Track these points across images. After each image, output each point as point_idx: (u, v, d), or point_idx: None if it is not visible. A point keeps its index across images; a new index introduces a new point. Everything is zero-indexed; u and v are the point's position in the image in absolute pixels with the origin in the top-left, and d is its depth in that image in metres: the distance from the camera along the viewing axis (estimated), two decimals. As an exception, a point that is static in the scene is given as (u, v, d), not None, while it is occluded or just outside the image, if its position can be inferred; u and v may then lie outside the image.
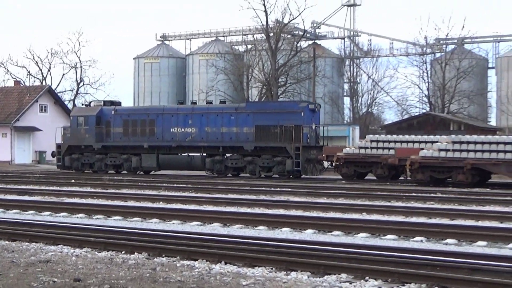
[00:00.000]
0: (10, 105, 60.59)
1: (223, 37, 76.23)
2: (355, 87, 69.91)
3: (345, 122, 67.60)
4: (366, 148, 34.52)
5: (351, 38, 75.00)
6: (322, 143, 38.99)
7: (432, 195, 25.48)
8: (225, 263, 11.52)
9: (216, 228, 16.74)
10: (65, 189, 29.96)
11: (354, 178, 34.47)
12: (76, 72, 75.08)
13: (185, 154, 39.79)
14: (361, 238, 15.07)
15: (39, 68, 77.30)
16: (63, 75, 75.77)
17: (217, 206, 21.83)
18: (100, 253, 12.69)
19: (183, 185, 31.43)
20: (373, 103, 70.10)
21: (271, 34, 58.76)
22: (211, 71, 67.87)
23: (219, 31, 76.56)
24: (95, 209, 20.48)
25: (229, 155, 38.41)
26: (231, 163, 38.11)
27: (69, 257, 12.35)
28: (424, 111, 60.72)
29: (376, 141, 35.17)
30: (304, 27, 63.97)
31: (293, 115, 37.68)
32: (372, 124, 67.94)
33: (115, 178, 37.66)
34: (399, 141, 34.53)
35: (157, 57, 78.78)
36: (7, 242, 13.92)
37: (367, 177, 36.36)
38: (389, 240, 14.65)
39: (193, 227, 16.95)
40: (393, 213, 19.44)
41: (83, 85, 75.47)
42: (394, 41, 72.72)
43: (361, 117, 67.04)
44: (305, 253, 11.77)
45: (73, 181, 34.25)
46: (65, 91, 76.36)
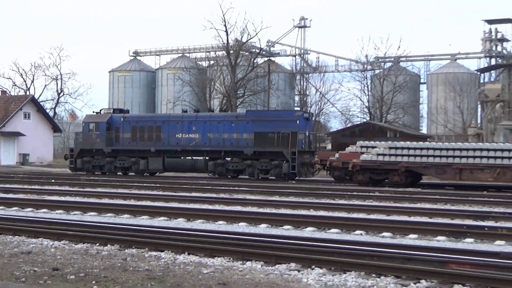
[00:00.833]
0: (-4, 112, 59.96)
1: (189, 53, 76.34)
2: (305, 99, 70.34)
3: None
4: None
5: (302, 55, 75.48)
6: (314, 148, 39.00)
7: (371, 194, 25.70)
8: (188, 254, 11.55)
9: (180, 222, 16.73)
10: (46, 188, 29.65)
11: (344, 180, 33.51)
12: (57, 83, 74.89)
13: (189, 157, 39.45)
14: (309, 231, 15.15)
15: (24, 79, 77.60)
16: (45, 86, 75.76)
17: (182, 203, 21.77)
18: (76, 245, 12.63)
19: (152, 185, 31.27)
20: (320, 113, 70.52)
21: (231, 51, 59.03)
22: (178, 84, 67.91)
23: (185, 48, 76.60)
24: (72, 205, 20.25)
25: (230, 158, 38.12)
26: (231, 166, 37.86)
27: (49, 249, 12.26)
28: (365, 120, 61.22)
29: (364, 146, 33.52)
30: (260, 45, 64.67)
31: (290, 123, 37.55)
32: (319, 131, 68.30)
33: (91, 178, 37.42)
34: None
35: (129, 71, 78.75)
36: (-8, 235, 13.74)
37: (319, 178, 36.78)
38: (333, 233, 14.77)
39: (161, 222, 16.86)
40: (337, 210, 19.58)
41: (63, 95, 75.24)
42: (339, 58, 73.50)
43: (310, 126, 67.27)
44: (259, 245, 11.83)
45: (53, 180, 33.92)
46: (47, 100, 76.24)
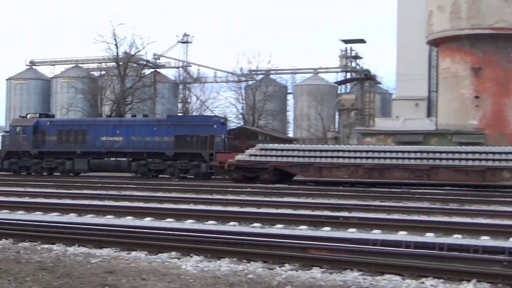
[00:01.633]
0: None
1: (82, 64, 74.47)
2: (187, 106, 70.13)
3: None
4: (256, 155, 32.32)
5: (184, 67, 75.24)
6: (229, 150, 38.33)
7: (244, 189, 25.99)
8: (78, 246, 11.27)
9: (72, 217, 16.15)
10: None
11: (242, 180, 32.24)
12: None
13: (114, 158, 38.17)
14: (189, 223, 15.05)
15: None
16: None
17: (74, 199, 21.09)
18: (-29, 240, 11.98)
19: (46, 183, 30.17)
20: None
21: (121, 63, 58.17)
22: (71, 92, 66.22)
23: (78, 59, 74.72)
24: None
25: (152, 159, 37.11)
26: (153, 166, 36.86)
27: None
28: (239, 125, 61.74)
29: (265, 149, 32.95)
30: (147, 58, 64.14)
31: (207, 127, 36.98)
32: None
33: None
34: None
35: (26, 79, 76.10)
36: None
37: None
38: (210, 225, 14.78)
39: (53, 217, 16.18)
40: (214, 204, 19.59)
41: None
42: (217, 71, 73.67)
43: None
44: (143, 236, 11.70)
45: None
46: None
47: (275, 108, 66.24)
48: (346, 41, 59.64)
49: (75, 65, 74.90)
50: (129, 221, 15.40)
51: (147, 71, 67.65)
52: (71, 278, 8.73)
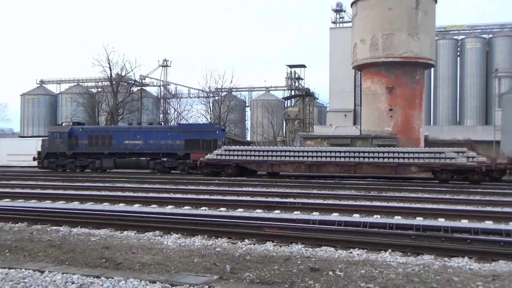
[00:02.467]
0: None
1: (82, 82, 73.09)
2: (167, 117, 69.47)
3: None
4: (221, 155, 31.68)
5: (164, 86, 74.64)
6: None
7: (212, 181, 25.89)
8: (81, 227, 11.15)
9: (75, 205, 15.81)
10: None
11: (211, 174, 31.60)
12: (-23, 103, 68.41)
13: (135, 158, 37.15)
14: (169, 208, 14.83)
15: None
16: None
17: (77, 190, 20.51)
18: (-7, 224, 11.67)
19: (55, 177, 29.28)
20: (178, 127, 69.59)
21: (114, 82, 57.43)
22: (74, 105, 65.27)
23: (79, 78, 73.30)
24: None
25: (166, 158, 36.35)
26: (167, 164, 36.06)
27: (-30, 227, 11.24)
28: (208, 132, 61.57)
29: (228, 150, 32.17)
30: (134, 78, 63.40)
31: (211, 133, 36.52)
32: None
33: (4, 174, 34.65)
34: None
35: (37, 95, 74.32)
36: None
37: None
38: (186, 209, 14.65)
39: (60, 205, 15.84)
40: (189, 193, 19.44)
41: (-17, 112, 68.91)
42: (190, 88, 73.27)
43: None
44: (133, 218, 11.53)
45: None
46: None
47: (236, 118, 66.29)
48: (291, 66, 59.91)
49: (77, 84, 73.85)
50: (121, 207, 15.21)
51: (135, 89, 66.84)
52: (75, 253, 8.60)
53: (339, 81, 59.06)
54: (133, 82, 64.18)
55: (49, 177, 29.57)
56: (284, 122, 58.60)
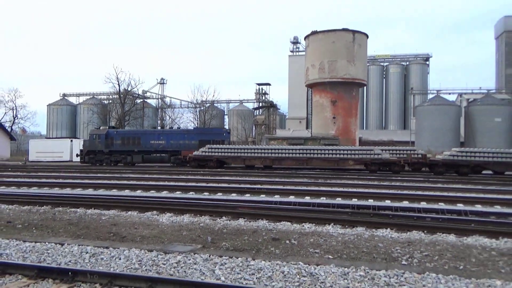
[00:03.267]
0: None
1: (96, 95, 71.31)
2: (163, 123, 68.50)
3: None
4: (206, 152, 30.69)
5: (161, 98, 73.61)
6: None
7: (198, 172, 25.61)
8: (94, 209, 10.84)
9: (90, 191, 15.27)
10: (4, 173, 26.03)
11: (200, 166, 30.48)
12: (13, 111, 65.76)
13: (159, 154, 35.75)
14: (164, 193, 14.42)
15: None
16: (5, 113, 65.89)
17: (91, 180, 19.94)
18: (23, 207, 11.26)
19: (73, 169, 28.53)
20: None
21: (121, 95, 56.32)
22: (90, 113, 63.75)
23: (94, 92, 71.57)
24: (20, 183, 17.93)
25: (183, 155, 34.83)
26: (184, 159, 33.61)
27: (4, 210, 10.83)
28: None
29: (211, 148, 31.19)
30: (138, 92, 62.30)
31: (220, 135, 35.85)
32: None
33: (35, 167, 33.54)
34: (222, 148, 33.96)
35: (60, 105, 72.10)
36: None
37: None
38: (178, 194, 14.28)
39: (78, 191, 15.33)
40: (180, 181, 19.10)
41: (17, 118, 66.32)
42: (182, 100, 72.48)
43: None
44: (135, 201, 11.28)
45: (9, 169, 29.96)
46: (6, 121, 65.85)
47: (217, 124, 65.88)
48: (259, 84, 60.13)
49: (92, 96, 72.19)
50: (126, 193, 14.88)
51: (138, 100, 65.74)
52: (89, 229, 8.39)
53: (295, 96, 59.43)
54: (137, 95, 63.16)
55: (69, 170, 28.78)
56: (254, 126, 58.51)
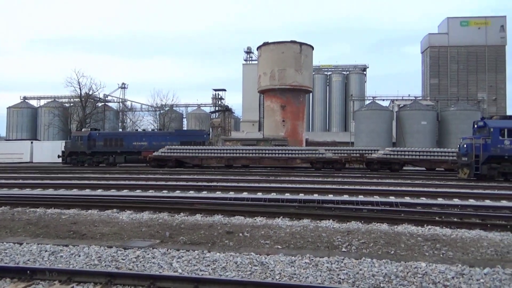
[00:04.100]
0: None
1: (58, 99, 67.49)
2: (124, 125, 66.17)
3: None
4: (165, 152, 30.14)
5: (123, 102, 71.07)
6: None
7: (158, 171, 24.98)
8: (54, 208, 10.23)
9: (50, 191, 14.44)
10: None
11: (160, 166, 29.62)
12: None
13: (141, 155, 33.57)
14: (124, 192, 13.98)
15: None
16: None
17: (52, 180, 18.80)
18: (-20, 207, 10.42)
19: (33, 170, 26.84)
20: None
21: (83, 99, 53.77)
22: (50, 116, 60.15)
23: (55, 96, 67.80)
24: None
25: None
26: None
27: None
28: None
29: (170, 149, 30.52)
30: (99, 96, 59.88)
31: (200, 136, 34.50)
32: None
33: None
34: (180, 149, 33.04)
35: (21, 108, 67.24)
36: None
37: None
38: (138, 192, 13.88)
39: (37, 191, 14.42)
40: (140, 180, 18.54)
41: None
42: (142, 104, 70.38)
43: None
44: (95, 199, 10.82)
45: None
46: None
47: (176, 127, 64.55)
48: (215, 90, 59.79)
49: (53, 100, 68.22)
50: (87, 192, 14.21)
51: (100, 104, 63.03)
52: (49, 228, 7.92)
53: (249, 101, 59.56)
54: (98, 99, 60.59)
55: (29, 171, 27.04)
56: (210, 129, 58.01)
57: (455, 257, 6.00)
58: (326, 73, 65.24)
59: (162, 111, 63.79)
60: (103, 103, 65.46)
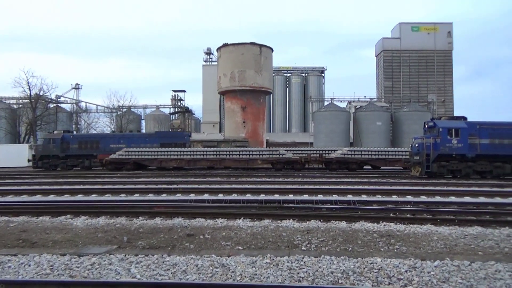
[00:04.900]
0: None
1: (5, 100, 63.34)
2: (78, 127, 63.40)
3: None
4: (123, 155, 29.15)
5: (76, 103, 68.07)
6: None
7: (115, 175, 24.10)
8: (1, 216, 9.56)
9: (38, 197, 13.72)
10: None
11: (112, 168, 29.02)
12: None
13: None
14: (79, 197, 13.39)
15: None
16: None
17: (4, 186, 17.85)
18: None
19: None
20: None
21: (33, 100, 50.79)
22: (-3, 119, 56.63)
23: (2, 96, 63.55)
24: None
25: None
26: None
27: None
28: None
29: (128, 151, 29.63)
30: (51, 97, 56.85)
31: (181, 138, 32.73)
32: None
33: None
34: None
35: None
36: None
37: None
38: (93, 197, 13.36)
39: (23, 198, 13.63)
40: (95, 184, 17.79)
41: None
42: (98, 105, 67.71)
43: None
44: (48, 206, 10.26)
45: None
46: None
47: (134, 128, 62.60)
48: (175, 91, 58.82)
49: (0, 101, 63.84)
50: (38, 198, 13.43)
51: (51, 105, 59.89)
52: (-5, 237, 7.40)
53: (209, 102, 59.19)
54: (49, 100, 57.56)
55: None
56: (170, 130, 57.10)
57: (408, 251, 6.29)
58: (285, 74, 66.19)
59: (119, 113, 61.81)
60: (55, 104, 62.40)
